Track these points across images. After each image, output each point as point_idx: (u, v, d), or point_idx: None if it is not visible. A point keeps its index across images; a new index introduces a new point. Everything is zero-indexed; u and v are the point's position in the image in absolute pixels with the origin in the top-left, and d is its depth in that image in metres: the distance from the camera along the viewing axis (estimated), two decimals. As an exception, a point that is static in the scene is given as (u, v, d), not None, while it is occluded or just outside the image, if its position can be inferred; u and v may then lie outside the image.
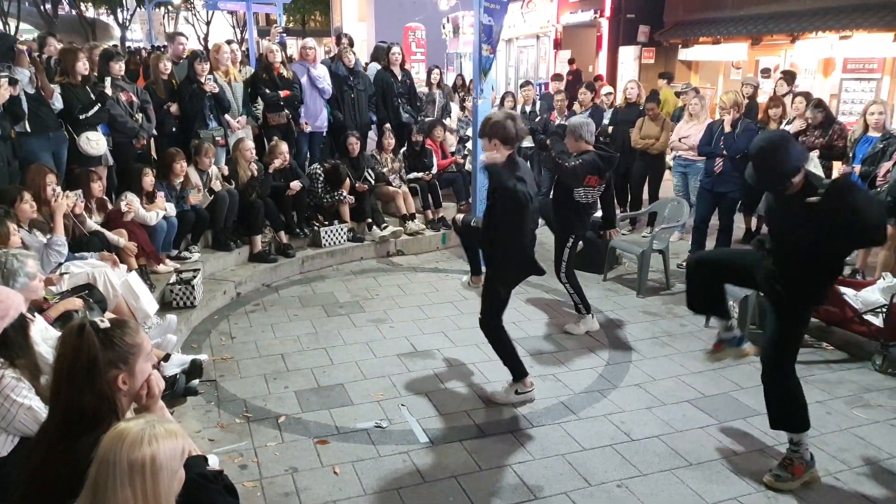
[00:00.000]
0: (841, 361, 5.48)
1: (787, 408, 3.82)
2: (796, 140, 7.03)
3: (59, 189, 5.29)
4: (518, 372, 4.79)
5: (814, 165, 7.38)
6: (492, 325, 4.75)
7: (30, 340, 3.05)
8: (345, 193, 8.13)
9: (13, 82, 5.65)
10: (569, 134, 5.90)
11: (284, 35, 14.30)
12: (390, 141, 9.05)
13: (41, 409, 2.87)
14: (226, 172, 7.50)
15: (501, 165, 4.34)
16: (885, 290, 5.49)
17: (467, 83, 11.34)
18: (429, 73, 11.04)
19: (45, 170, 5.36)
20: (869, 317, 5.38)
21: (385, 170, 8.91)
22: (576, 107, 9.76)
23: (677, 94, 11.05)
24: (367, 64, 10.55)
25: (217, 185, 7.23)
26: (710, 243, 7.61)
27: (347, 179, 8.21)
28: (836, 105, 12.04)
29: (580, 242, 6.29)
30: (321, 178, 8.20)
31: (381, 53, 10.17)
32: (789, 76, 9.54)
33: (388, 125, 9.34)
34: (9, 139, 5.65)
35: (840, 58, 13.36)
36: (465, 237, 5.24)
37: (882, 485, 3.88)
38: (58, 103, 6.21)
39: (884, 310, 5.29)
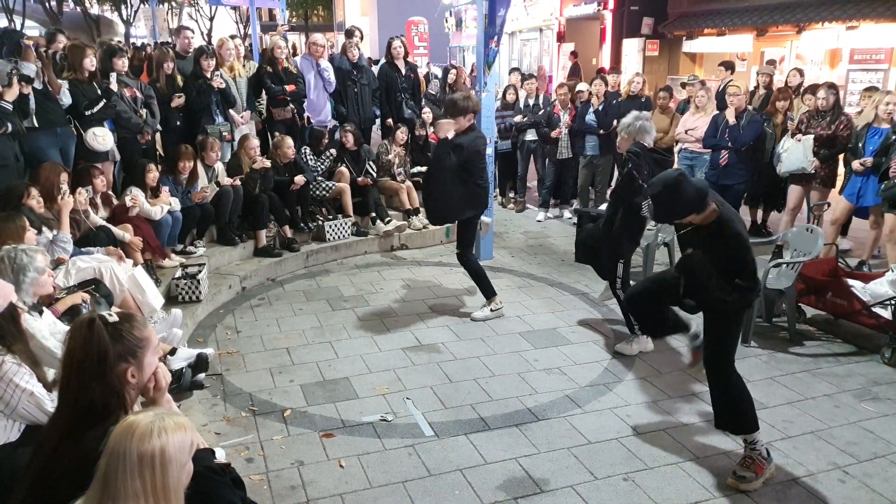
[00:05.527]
0: (849, 354, 5.46)
1: (731, 408, 3.83)
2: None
3: (65, 186, 5.30)
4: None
5: (803, 151, 7.33)
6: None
7: (21, 328, 3.10)
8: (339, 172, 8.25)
9: (28, 80, 5.67)
10: (629, 133, 5.28)
11: (287, 33, 14.34)
12: (402, 135, 8.99)
13: (43, 396, 2.90)
14: (224, 177, 7.37)
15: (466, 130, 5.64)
16: (893, 283, 5.44)
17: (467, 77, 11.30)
18: (444, 73, 11.02)
19: (59, 168, 5.39)
20: (877, 309, 5.35)
21: (394, 160, 8.88)
22: (593, 100, 9.59)
23: (683, 86, 10.99)
24: (378, 61, 10.50)
25: (225, 180, 7.22)
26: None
27: (345, 168, 8.24)
28: (843, 96, 11.99)
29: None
30: (308, 154, 8.24)
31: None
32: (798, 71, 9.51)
33: (389, 121, 9.30)
34: (18, 135, 5.66)
35: (847, 48, 13.31)
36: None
37: (892, 479, 3.86)
38: (66, 99, 6.21)
39: (892, 302, 5.26)
